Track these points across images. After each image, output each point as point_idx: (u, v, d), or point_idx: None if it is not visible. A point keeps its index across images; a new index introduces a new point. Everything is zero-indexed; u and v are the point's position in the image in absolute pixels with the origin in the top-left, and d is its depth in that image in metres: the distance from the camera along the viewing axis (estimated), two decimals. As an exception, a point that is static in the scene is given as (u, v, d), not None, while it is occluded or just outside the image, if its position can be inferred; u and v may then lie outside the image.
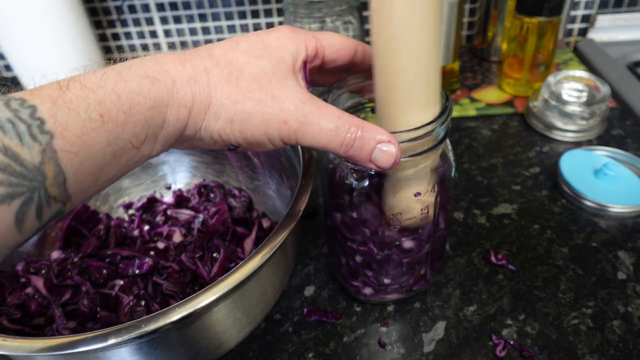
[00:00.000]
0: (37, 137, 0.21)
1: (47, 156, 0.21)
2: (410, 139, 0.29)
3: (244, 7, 0.82)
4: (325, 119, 0.27)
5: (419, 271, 0.39)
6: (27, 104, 0.22)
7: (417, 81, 0.29)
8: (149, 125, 0.25)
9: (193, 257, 0.43)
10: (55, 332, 0.38)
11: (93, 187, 0.24)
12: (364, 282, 0.39)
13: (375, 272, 0.38)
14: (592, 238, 0.46)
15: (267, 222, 0.48)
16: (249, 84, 0.27)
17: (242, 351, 0.39)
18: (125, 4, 0.82)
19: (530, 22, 0.62)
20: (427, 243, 0.37)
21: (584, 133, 0.59)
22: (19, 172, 0.20)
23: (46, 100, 0.22)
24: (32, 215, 0.22)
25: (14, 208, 0.21)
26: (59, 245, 0.46)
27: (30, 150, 0.21)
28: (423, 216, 0.34)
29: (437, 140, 0.31)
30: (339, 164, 0.34)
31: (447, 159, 0.35)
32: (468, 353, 0.37)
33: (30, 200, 0.21)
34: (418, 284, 0.40)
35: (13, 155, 0.20)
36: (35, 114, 0.21)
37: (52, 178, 0.22)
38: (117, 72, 0.25)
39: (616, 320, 0.39)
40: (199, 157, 0.53)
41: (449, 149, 0.35)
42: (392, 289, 0.40)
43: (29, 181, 0.21)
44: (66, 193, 0.23)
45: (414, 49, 0.28)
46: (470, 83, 0.73)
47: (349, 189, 0.34)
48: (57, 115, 0.22)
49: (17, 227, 0.21)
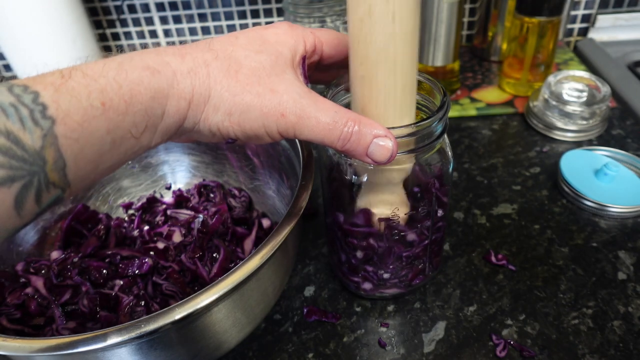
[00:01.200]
0: (39, 122, 0.21)
1: (48, 141, 0.21)
2: (407, 134, 0.29)
3: (244, 7, 0.82)
4: (323, 113, 0.28)
5: (418, 266, 0.39)
6: (30, 89, 0.22)
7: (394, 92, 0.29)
8: (148, 115, 0.25)
9: (193, 257, 0.42)
10: (55, 332, 0.38)
11: (92, 175, 0.24)
12: (364, 277, 0.40)
13: (375, 267, 0.38)
14: (592, 238, 0.46)
15: (267, 222, 0.48)
16: (248, 78, 0.27)
17: (242, 351, 0.39)
18: (125, 4, 0.82)
19: (531, 22, 0.62)
20: (425, 238, 0.37)
21: (584, 133, 0.59)
22: (19, 155, 0.21)
23: (49, 87, 0.22)
24: (32, 200, 0.22)
25: (14, 191, 0.21)
26: (58, 245, 0.46)
27: (31, 135, 0.21)
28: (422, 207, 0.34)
29: (434, 136, 0.31)
30: (338, 160, 0.34)
31: (445, 154, 0.35)
32: (468, 353, 0.37)
33: (30, 184, 0.21)
34: (417, 278, 0.40)
35: (15, 139, 0.20)
36: (38, 99, 0.22)
37: (52, 163, 0.22)
38: (119, 63, 0.25)
39: (616, 320, 0.39)
40: (199, 157, 0.53)
41: (447, 144, 0.35)
42: (391, 284, 0.40)
43: (29, 165, 0.21)
44: (65, 179, 0.23)
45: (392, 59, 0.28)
46: (471, 83, 0.73)
47: (348, 184, 0.34)
48: (59, 101, 0.22)
49: (17, 210, 0.21)
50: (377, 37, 0.27)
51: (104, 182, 0.51)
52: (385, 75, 0.28)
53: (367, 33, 0.27)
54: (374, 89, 0.29)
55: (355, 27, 0.27)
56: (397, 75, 0.28)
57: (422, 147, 0.31)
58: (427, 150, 0.32)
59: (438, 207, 0.36)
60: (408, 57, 0.28)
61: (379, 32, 0.27)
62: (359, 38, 0.28)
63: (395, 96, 0.29)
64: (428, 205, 0.35)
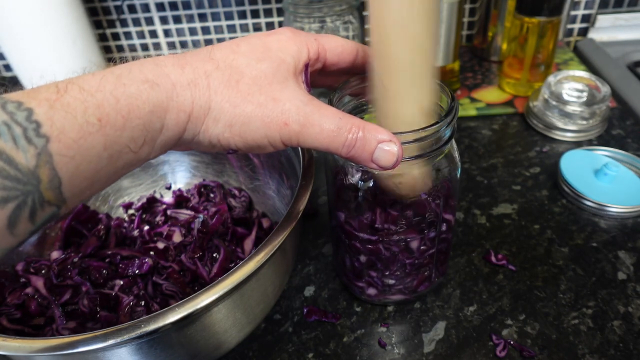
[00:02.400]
0: (32, 140, 0.21)
1: (43, 160, 0.21)
2: (415, 139, 0.29)
3: (244, 7, 0.82)
4: (327, 120, 0.27)
5: (424, 273, 0.39)
6: (24, 106, 0.21)
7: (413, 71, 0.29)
8: (147, 129, 0.25)
9: (193, 257, 0.43)
10: (55, 332, 0.38)
11: (88, 191, 0.24)
12: (368, 282, 0.39)
13: (379, 273, 0.38)
14: (592, 238, 0.46)
15: (267, 222, 0.48)
16: (249, 87, 0.27)
17: (242, 351, 0.39)
18: (125, 4, 0.82)
19: (531, 22, 0.62)
20: (432, 244, 0.37)
21: (584, 133, 0.59)
22: (13, 175, 0.20)
23: (43, 103, 0.22)
24: (25, 219, 0.21)
25: (7, 212, 0.20)
26: (58, 245, 0.46)
27: (25, 154, 0.21)
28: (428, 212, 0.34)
29: (442, 141, 0.31)
30: (344, 164, 0.34)
31: (453, 159, 0.34)
32: (468, 353, 0.37)
33: (24, 204, 0.21)
34: (422, 285, 0.40)
35: (8, 159, 0.20)
36: (32, 116, 0.21)
37: (47, 182, 0.21)
38: (117, 76, 0.24)
39: (616, 320, 0.39)
40: (199, 157, 0.53)
41: (455, 149, 0.35)
42: (396, 290, 0.40)
43: (23, 185, 0.21)
44: (61, 197, 0.22)
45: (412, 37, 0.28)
46: (471, 83, 0.73)
47: (354, 188, 0.34)
48: (53, 118, 0.22)
49: (10, 230, 0.21)
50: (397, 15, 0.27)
51: (104, 182, 0.51)
52: (403, 52, 0.28)
53: (387, 11, 0.27)
54: (392, 68, 0.29)
55: (375, 3, 0.28)
56: (416, 53, 0.28)
57: (431, 152, 0.31)
58: (436, 156, 0.32)
59: (445, 214, 0.36)
60: (429, 35, 0.28)
61: (400, 10, 0.27)
62: (379, 14, 0.28)
63: (413, 74, 0.29)
64: (434, 214, 0.35)
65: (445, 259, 0.41)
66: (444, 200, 0.34)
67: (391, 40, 0.28)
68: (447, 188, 0.34)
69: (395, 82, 0.29)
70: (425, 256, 0.37)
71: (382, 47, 0.29)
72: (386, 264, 0.37)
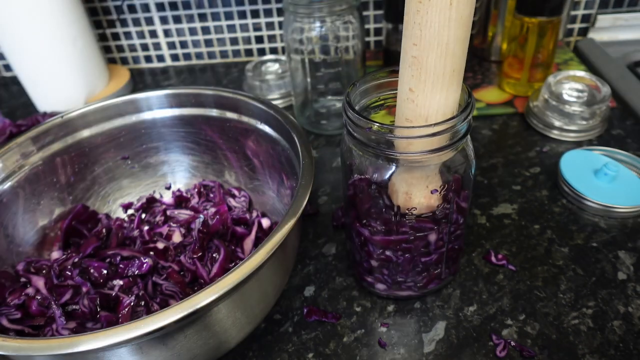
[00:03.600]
0: None
1: None
2: (430, 133, 0.29)
3: (244, 7, 0.82)
4: None
5: (434, 271, 0.39)
6: None
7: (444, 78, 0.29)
8: None
9: (192, 257, 0.43)
10: (55, 332, 0.38)
11: None
12: (378, 278, 0.40)
13: (391, 270, 0.38)
14: (592, 238, 0.46)
15: (267, 222, 0.48)
16: None
17: (242, 351, 0.39)
18: (125, 4, 0.82)
19: (531, 22, 0.62)
20: (443, 243, 0.37)
21: (584, 133, 0.59)
22: None
23: None
24: None
25: None
26: (58, 245, 0.46)
27: None
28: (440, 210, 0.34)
29: (458, 136, 0.31)
30: (360, 160, 0.34)
31: (467, 156, 0.34)
32: (468, 353, 0.37)
33: None
34: (432, 283, 0.40)
35: None
36: None
37: None
38: None
39: (616, 320, 0.39)
40: (199, 157, 0.53)
41: (470, 146, 0.35)
42: (406, 286, 0.40)
43: None
44: None
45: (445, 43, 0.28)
46: (471, 83, 0.73)
47: (368, 183, 0.34)
48: None
49: None
50: (432, 21, 0.27)
51: (103, 182, 0.51)
52: (436, 58, 0.28)
53: (423, 16, 0.27)
54: (423, 71, 0.29)
55: (411, 9, 0.28)
56: (447, 58, 0.28)
57: (446, 147, 0.31)
58: (451, 150, 0.32)
59: (458, 213, 0.36)
60: (461, 42, 0.28)
61: (435, 16, 0.27)
62: (415, 20, 0.28)
63: (443, 79, 0.29)
64: (446, 208, 0.35)
65: (457, 258, 0.41)
66: (458, 196, 0.35)
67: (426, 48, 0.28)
68: (462, 184, 0.35)
69: (423, 87, 0.30)
70: (437, 255, 0.38)
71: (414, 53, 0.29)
72: (398, 263, 0.37)
